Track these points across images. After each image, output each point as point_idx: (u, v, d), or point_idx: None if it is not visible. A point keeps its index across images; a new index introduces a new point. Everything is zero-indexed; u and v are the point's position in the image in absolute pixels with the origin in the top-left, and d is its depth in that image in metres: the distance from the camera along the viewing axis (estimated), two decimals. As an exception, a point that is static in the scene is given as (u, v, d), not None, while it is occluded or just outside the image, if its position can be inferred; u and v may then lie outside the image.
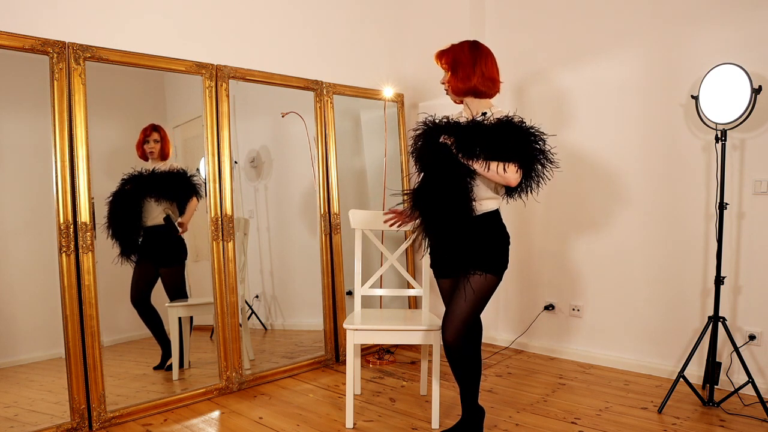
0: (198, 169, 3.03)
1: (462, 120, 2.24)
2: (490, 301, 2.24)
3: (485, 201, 2.18)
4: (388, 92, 3.70)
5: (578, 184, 3.44)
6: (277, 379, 3.18)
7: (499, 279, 2.20)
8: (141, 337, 2.97)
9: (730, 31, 2.83)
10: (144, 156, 2.86)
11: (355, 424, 2.55)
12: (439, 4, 3.83)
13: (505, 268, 2.22)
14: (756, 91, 2.55)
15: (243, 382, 3.03)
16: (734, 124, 2.62)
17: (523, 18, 3.66)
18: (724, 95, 2.58)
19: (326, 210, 3.44)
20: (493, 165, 2.09)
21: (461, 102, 2.32)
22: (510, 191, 2.24)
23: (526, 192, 2.21)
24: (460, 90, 2.24)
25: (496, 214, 2.23)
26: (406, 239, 2.92)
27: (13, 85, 2.50)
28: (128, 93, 2.91)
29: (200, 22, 3.00)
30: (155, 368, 2.95)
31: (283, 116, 3.44)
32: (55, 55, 2.42)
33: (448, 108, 2.40)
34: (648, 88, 3.13)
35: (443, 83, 2.30)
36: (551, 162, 2.15)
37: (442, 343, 2.24)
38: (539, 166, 2.14)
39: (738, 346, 2.70)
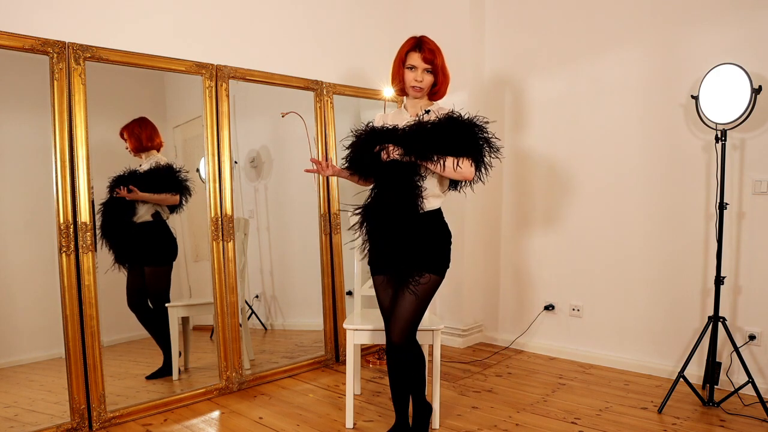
0: (198, 169, 3.03)
1: (402, 118, 2.22)
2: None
3: (431, 199, 2.15)
4: (388, 92, 3.70)
5: (578, 184, 3.44)
6: (277, 379, 3.18)
7: (442, 278, 2.20)
8: (141, 337, 2.96)
9: (730, 31, 2.83)
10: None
11: (355, 424, 2.55)
12: (439, 4, 3.83)
13: (448, 267, 2.22)
14: (756, 91, 2.55)
15: (243, 382, 3.03)
16: (734, 124, 2.62)
17: (523, 18, 3.66)
18: (724, 95, 2.58)
19: (326, 210, 3.44)
20: (449, 161, 2.07)
21: (403, 95, 2.29)
22: (455, 184, 2.22)
23: (474, 183, 2.18)
24: (440, 94, 2.22)
25: (439, 212, 2.22)
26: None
27: (13, 85, 2.50)
28: (128, 93, 2.91)
29: (200, 22, 3.00)
30: (148, 378, 2.88)
31: (283, 116, 3.44)
32: (55, 55, 2.42)
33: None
34: (648, 88, 3.13)
35: (419, 83, 2.17)
36: (496, 149, 2.13)
37: (386, 345, 2.21)
38: (486, 156, 2.12)
39: (738, 346, 2.70)
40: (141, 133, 2.81)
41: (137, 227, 2.84)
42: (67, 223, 2.44)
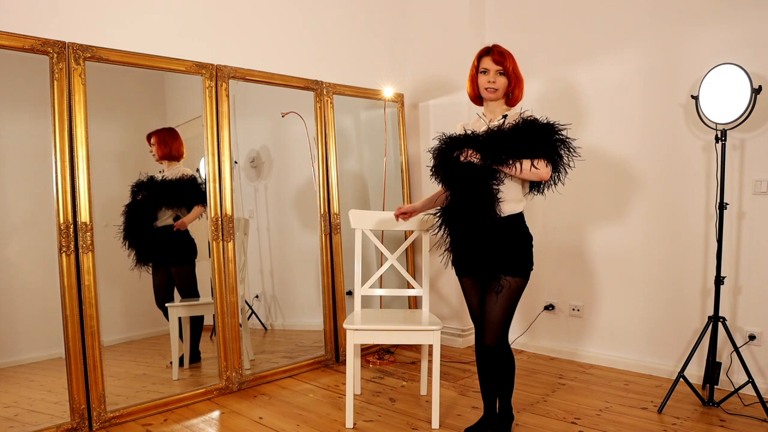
0: (198, 169, 3.03)
1: (482, 125, 2.28)
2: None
3: (510, 203, 2.20)
4: (388, 92, 3.70)
5: (578, 184, 3.43)
6: (277, 379, 3.18)
7: (527, 280, 2.27)
8: (141, 337, 2.97)
9: (730, 31, 2.83)
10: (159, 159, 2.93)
11: (355, 424, 2.55)
12: (439, 4, 3.83)
13: (531, 269, 2.28)
14: (756, 91, 2.55)
15: (243, 382, 3.03)
16: (734, 124, 2.62)
17: (523, 18, 3.66)
18: (724, 95, 2.58)
19: (326, 210, 3.44)
20: (526, 164, 2.11)
21: (480, 104, 2.34)
22: (536, 186, 2.26)
23: (555, 184, 2.23)
24: (515, 99, 2.28)
25: (520, 216, 2.26)
26: (406, 239, 2.92)
27: (13, 85, 2.51)
28: (128, 93, 2.91)
29: (200, 22, 3.00)
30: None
31: (283, 116, 3.44)
32: (55, 55, 2.42)
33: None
34: (648, 88, 3.13)
35: (492, 84, 2.24)
36: (573, 150, 2.18)
37: (478, 347, 2.34)
38: (563, 156, 2.17)
39: (738, 346, 2.70)
40: (172, 143, 2.93)
41: (159, 230, 2.95)
42: (67, 223, 2.44)
